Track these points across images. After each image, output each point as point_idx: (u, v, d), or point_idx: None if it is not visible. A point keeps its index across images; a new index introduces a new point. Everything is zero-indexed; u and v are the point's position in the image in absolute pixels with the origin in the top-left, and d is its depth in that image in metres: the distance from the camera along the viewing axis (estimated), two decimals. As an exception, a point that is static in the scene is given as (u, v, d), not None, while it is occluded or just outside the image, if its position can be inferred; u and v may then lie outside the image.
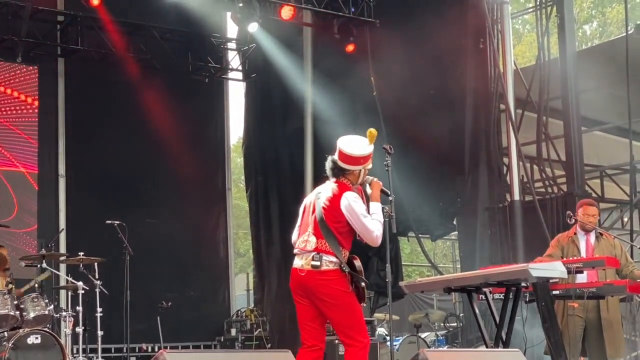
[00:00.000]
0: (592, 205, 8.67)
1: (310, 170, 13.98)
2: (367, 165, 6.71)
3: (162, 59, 14.33)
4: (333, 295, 6.61)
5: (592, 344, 8.41)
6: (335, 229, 6.65)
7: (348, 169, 6.72)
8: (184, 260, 14.45)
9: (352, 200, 6.62)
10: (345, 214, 6.61)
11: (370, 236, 6.57)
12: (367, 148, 6.66)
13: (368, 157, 6.68)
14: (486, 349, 7.13)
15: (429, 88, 12.38)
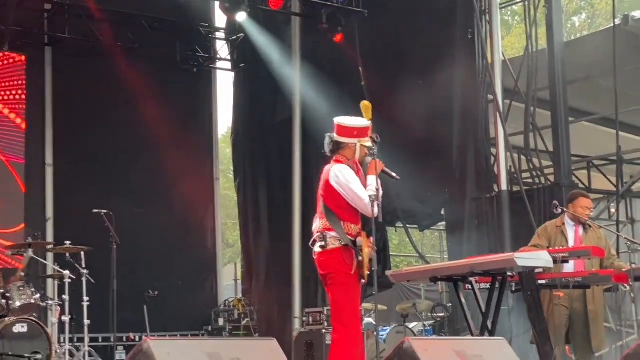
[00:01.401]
0: (588, 197, 8.69)
1: (298, 160, 13.99)
2: (364, 141, 6.72)
3: (150, 49, 14.30)
4: (335, 273, 6.68)
5: (577, 334, 8.44)
6: (332, 205, 6.67)
7: (343, 142, 6.76)
8: (172, 250, 14.44)
9: (339, 170, 6.67)
10: (334, 186, 6.64)
11: (361, 204, 6.58)
12: (361, 120, 6.69)
13: (363, 130, 6.70)
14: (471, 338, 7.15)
15: (417, 78, 12.37)
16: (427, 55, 12.28)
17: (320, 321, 10.48)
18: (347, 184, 6.62)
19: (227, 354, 4.69)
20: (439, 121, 12.22)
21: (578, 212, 8.45)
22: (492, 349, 5.65)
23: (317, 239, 6.80)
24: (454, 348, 5.41)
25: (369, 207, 6.56)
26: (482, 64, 11.68)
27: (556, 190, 11.00)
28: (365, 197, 6.57)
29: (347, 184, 6.62)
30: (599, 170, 14.10)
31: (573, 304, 8.39)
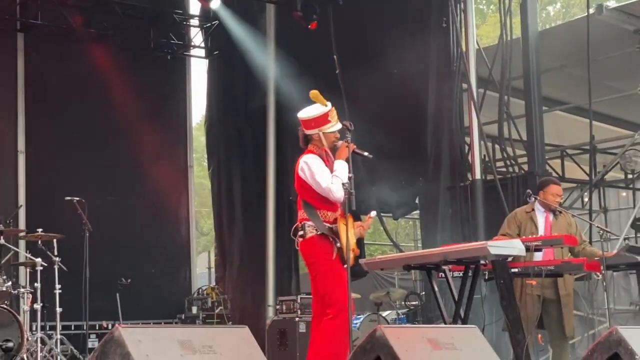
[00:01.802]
0: (558, 184, 8.73)
1: (272, 148, 13.96)
2: (326, 129, 6.74)
3: (124, 35, 14.22)
4: (316, 263, 6.73)
5: (552, 320, 8.48)
6: (306, 196, 6.72)
7: (308, 134, 6.77)
8: (145, 238, 14.40)
9: (304, 162, 6.75)
10: (302, 176, 6.67)
11: (324, 191, 6.63)
12: (315, 109, 6.70)
13: (320, 119, 6.72)
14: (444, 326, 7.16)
15: (392, 66, 12.36)
16: (401, 44, 12.26)
17: (294, 309, 10.47)
18: (311, 174, 6.68)
19: (198, 341, 4.67)
20: (413, 110, 12.21)
21: (548, 199, 8.49)
22: (464, 336, 5.66)
23: (299, 229, 6.81)
24: (426, 336, 5.41)
25: (331, 193, 6.63)
26: (456, 53, 11.67)
27: (530, 179, 11.02)
28: (325, 184, 6.60)
29: (311, 173, 6.67)
30: (572, 159, 14.15)
31: (544, 290, 8.43)
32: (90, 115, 13.96)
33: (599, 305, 10.24)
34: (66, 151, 13.69)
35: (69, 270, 10.50)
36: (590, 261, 8.07)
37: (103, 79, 14.04)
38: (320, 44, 13.19)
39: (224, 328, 5.37)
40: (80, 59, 13.89)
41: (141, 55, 14.67)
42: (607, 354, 5.81)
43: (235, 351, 4.80)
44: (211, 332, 4.89)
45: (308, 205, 6.73)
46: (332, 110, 6.86)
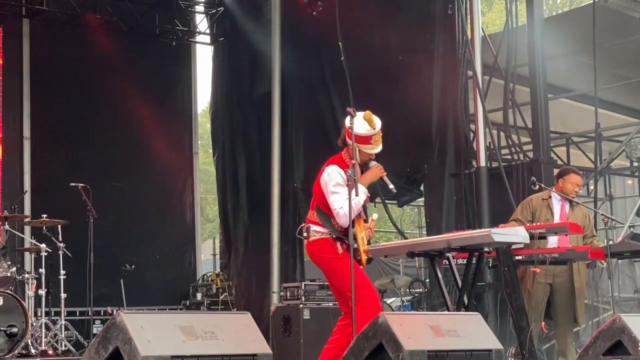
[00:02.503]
0: (579, 174, 8.70)
1: (277, 135, 13.93)
2: (364, 148, 6.73)
3: (129, 21, 14.21)
4: (322, 263, 6.76)
5: (561, 309, 8.48)
6: (320, 201, 6.74)
7: (346, 142, 6.79)
8: (150, 224, 14.42)
9: (327, 173, 6.80)
10: (321, 183, 6.70)
11: (333, 212, 6.64)
12: (360, 128, 6.72)
13: (362, 138, 6.73)
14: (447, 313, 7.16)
15: (397, 53, 12.34)
16: (407, 31, 12.24)
17: (298, 296, 10.49)
18: (327, 189, 6.73)
19: (201, 328, 4.67)
20: (418, 97, 12.19)
21: (567, 187, 8.46)
22: (466, 324, 5.65)
23: (304, 229, 6.84)
24: (428, 323, 5.41)
25: (338, 217, 6.64)
26: (462, 40, 11.64)
27: (535, 166, 11.01)
28: (335, 206, 6.63)
29: (329, 188, 6.69)
30: (577, 147, 14.14)
31: (555, 279, 8.42)
32: (95, 101, 13.97)
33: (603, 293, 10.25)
34: (71, 137, 13.70)
35: (74, 256, 10.52)
36: (594, 249, 8.07)
37: (108, 65, 14.04)
38: (325, 31, 13.15)
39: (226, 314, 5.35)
40: (85, 45, 13.88)
41: (146, 42, 14.66)
42: (611, 342, 5.81)
43: (237, 337, 4.80)
44: (213, 318, 4.88)
45: (321, 212, 6.76)
46: (378, 134, 6.83)
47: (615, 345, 5.79)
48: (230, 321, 4.94)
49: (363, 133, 6.75)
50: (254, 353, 4.76)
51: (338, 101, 13.11)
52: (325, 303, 10.50)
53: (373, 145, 6.82)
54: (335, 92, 13.28)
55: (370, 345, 5.22)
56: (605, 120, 13.20)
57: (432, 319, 5.57)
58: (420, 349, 5.13)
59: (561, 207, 8.51)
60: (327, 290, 10.64)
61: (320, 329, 10.11)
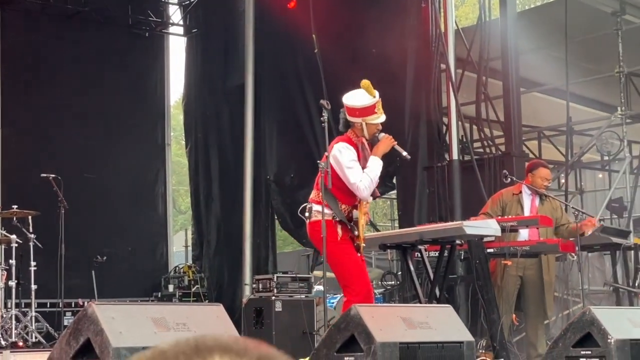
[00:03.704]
0: (548, 168, 8.76)
1: (250, 127, 13.91)
2: (370, 119, 6.67)
3: (102, 12, 14.12)
4: (319, 243, 6.67)
5: (531, 302, 8.55)
6: (328, 181, 6.63)
7: (350, 121, 6.69)
8: (122, 216, 14.35)
9: (338, 150, 6.64)
10: (332, 163, 6.60)
11: (352, 187, 6.57)
12: (363, 99, 6.62)
13: (365, 110, 6.64)
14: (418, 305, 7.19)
15: (371, 46, 12.34)
16: (380, 24, 12.25)
17: (270, 288, 10.48)
18: (341, 165, 6.60)
19: (172, 319, 4.66)
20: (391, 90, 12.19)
21: (537, 182, 8.52)
22: (438, 316, 5.68)
23: (306, 209, 6.79)
24: (400, 315, 5.43)
25: (358, 191, 6.59)
26: (435, 33, 11.67)
27: (507, 159, 11.06)
28: (354, 179, 6.55)
29: (342, 164, 6.60)
30: (549, 140, 14.22)
31: (525, 271, 8.48)
32: (66, 92, 13.87)
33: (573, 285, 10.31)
34: (42, 128, 13.60)
35: (44, 248, 10.46)
36: (565, 242, 8.13)
37: (80, 55, 13.95)
38: (299, 23, 13.14)
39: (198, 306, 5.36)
40: (57, 36, 13.79)
41: (119, 32, 14.57)
42: (580, 334, 5.85)
43: (209, 328, 4.79)
44: (185, 310, 4.88)
45: (328, 192, 6.67)
46: (379, 102, 6.76)
47: (584, 337, 5.84)
48: (202, 313, 4.93)
49: (367, 103, 6.65)
50: (226, 344, 4.75)
51: (311, 93, 13.11)
52: (297, 295, 10.50)
53: (378, 114, 6.73)
54: (309, 84, 13.28)
55: (343, 337, 5.24)
56: (577, 114, 13.28)
57: (404, 311, 5.60)
58: (392, 340, 5.15)
59: (531, 202, 8.56)
60: (300, 282, 10.65)
61: (292, 320, 10.14)
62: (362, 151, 6.73)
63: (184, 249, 16.24)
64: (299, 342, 9.92)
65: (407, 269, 7.81)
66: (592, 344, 5.78)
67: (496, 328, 7.23)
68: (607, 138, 12.80)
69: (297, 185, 13.73)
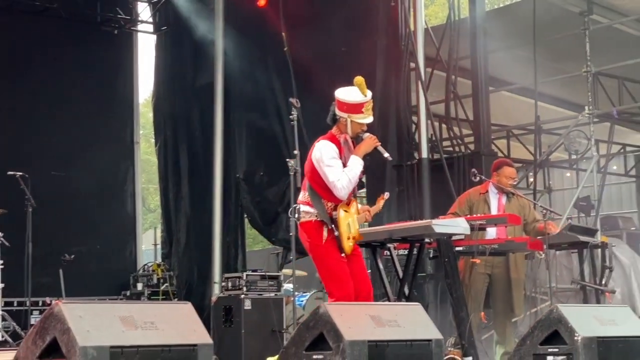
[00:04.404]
0: (513, 166, 8.80)
1: (220, 125, 13.89)
2: (355, 117, 6.60)
3: (70, 9, 14.03)
4: (308, 247, 6.65)
5: (498, 300, 8.59)
6: (312, 181, 6.59)
7: (336, 115, 6.62)
8: (91, 214, 14.27)
9: (319, 149, 6.57)
10: (313, 162, 6.55)
11: (330, 186, 6.50)
12: (353, 96, 6.57)
13: (353, 106, 6.57)
14: (387, 303, 7.20)
15: (340, 45, 12.34)
16: (350, 22, 12.25)
17: (239, 286, 10.46)
18: (321, 163, 6.55)
19: (140, 318, 4.63)
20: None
21: (502, 181, 8.56)
22: (407, 314, 5.68)
23: (295, 211, 6.74)
24: (369, 313, 5.43)
25: (335, 190, 6.51)
26: (404, 32, 11.69)
27: (476, 158, 11.11)
28: (332, 178, 6.49)
29: (322, 162, 6.54)
30: (517, 139, 14.30)
31: (494, 269, 8.52)
32: (35, 89, 13.77)
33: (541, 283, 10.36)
34: (9, 125, 13.49)
35: (12, 246, 10.38)
36: (533, 240, 8.17)
37: (48, 53, 13.86)
38: (268, 21, 13.12)
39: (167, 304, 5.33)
40: (25, 32, 13.68)
41: (88, 30, 14.49)
42: (548, 331, 5.88)
43: (177, 327, 4.77)
44: (153, 308, 4.85)
45: (313, 191, 6.62)
46: (369, 103, 6.66)
47: (552, 335, 5.87)
48: (170, 311, 4.90)
49: (356, 100, 6.58)
50: (195, 343, 4.73)
51: (281, 92, 13.10)
52: (266, 293, 10.49)
53: (365, 114, 6.63)
54: (278, 82, 13.27)
55: (311, 335, 5.24)
56: (545, 113, 13.37)
57: (372, 309, 5.60)
58: (361, 339, 5.15)
59: (498, 201, 8.60)
60: (269, 280, 10.63)
61: (262, 319, 10.12)
62: (345, 147, 6.69)
63: (153, 247, 16.17)
64: (268, 340, 9.90)
65: (376, 267, 7.83)
66: (559, 341, 5.82)
67: (465, 326, 7.25)
68: (574, 137, 12.88)
69: (266, 183, 13.73)
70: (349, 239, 6.58)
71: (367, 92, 6.59)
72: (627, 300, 11.47)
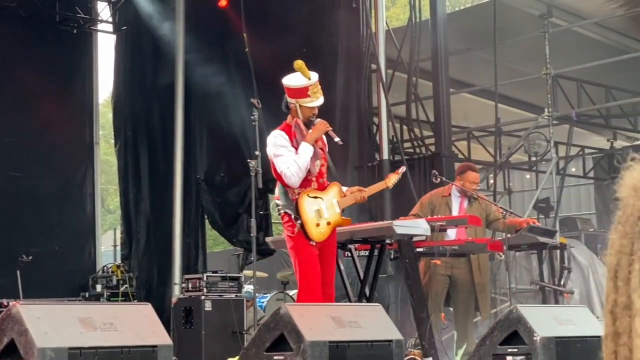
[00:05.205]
0: (476, 171, 8.85)
1: (180, 125, 13.81)
2: (303, 102, 6.57)
3: (28, 8, 13.89)
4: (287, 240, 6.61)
5: (460, 302, 8.62)
6: (274, 172, 6.55)
7: (287, 102, 6.57)
8: (49, 215, 14.14)
9: (270, 140, 6.56)
10: (268, 154, 6.54)
11: (282, 174, 6.46)
12: (297, 80, 6.55)
13: (299, 91, 6.55)
14: (348, 304, 7.21)
15: (301, 45, 12.33)
16: (311, 23, 12.26)
17: (200, 288, 10.41)
18: (271, 153, 6.54)
19: (99, 319, 4.60)
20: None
21: (466, 185, 8.60)
22: (368, 315, 5.70)
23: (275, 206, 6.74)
24: (329, 314, 5.43)
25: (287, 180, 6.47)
26: (365, 34, 11.71)
27: (436, 160, 11.15)
28: (280, 167, 6.46)
29: (272, 153, 6.54)
30: (478, 141, 14.38)
31: (453, 270, 8.55)
32: (-8, 88, 13.64)
33: (501, 284, 10.43)
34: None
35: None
36: (493, 241, 8.22)
37: (5, 52, 13.71)
38: (230, 22, 13.09)
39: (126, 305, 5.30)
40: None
41: (46, 29, 14.35)
42: (507, 332, 5.92)
43: (137, 328, 4.74)
44: (112, 309, 4.82)
45: (280, 185, 6.60)
46: (315, 85, 6.65)
47: (511, 335, 5.91)
48: (129, 312, 4.88)
49: (300, 84, 6.57)
50: (154, 344, 4.71)
51: (242, 92, 13.05)
52: (227, 295, 10.46)
53: (312, 98, 6.63)
54: (239, 83, 13.22)
55: (272, 336, 5.23)
56: (505, 115, 13.45)
57: (333, 310, 5.60)
58: (322, 339, 5.15)
59: (460, 204, 8.64)
60: (230, 281, 10.60)
61: (222, 320, 10.08)
62: (296, 132, 6.64)
63: (112, 248, 16.06)
64: (229, 341, 9.87)
65: (337, 268, 7.82)
66: (518, 341, 5.86)
67: (425, 327, 7.28)
68: (534, 139, 12.98)
69: (227, 184, 13.70)
70: (319, 225, 6.50)
71: (310, 74, 6.60)
72: (585, 301, 11.58)
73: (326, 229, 6.51)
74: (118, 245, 15.67)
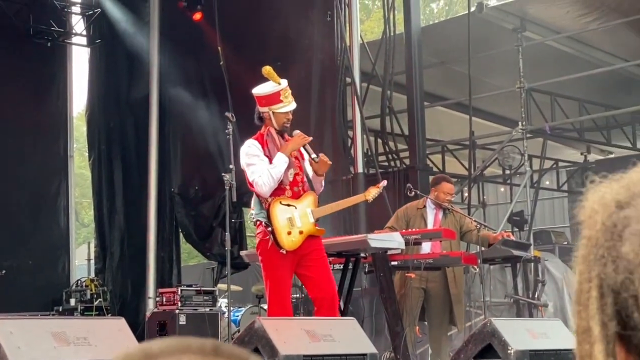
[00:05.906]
0: (451, 182, 8.86)
1: (154, 139, 13.78)
2: (276, 108, 6.49)
3: (1, 20, 13.80)
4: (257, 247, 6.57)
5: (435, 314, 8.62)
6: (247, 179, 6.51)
7: (260, 112, 6.53)
8: (22, 228, 14.04)
9: (243, 147, 6.50)
10: (241, 164, 6.49)
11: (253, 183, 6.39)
12: (266, 87, 6.51)
13: (270, 97, 6.48)
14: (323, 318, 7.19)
15: (276, 59, 12.33)
16: (285, 37, 12.27)
17: (174, 301, 10.37)
18: (243, 163, 6.50)
19: (73, 333, 4.57)
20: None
21: (440, 197, 8.60)
22: (342, 328, 5.69)
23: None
24: (304, 327, 5.43)
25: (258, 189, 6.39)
26: (340, 47, 11.74)
27: (411, 173, 11.18)
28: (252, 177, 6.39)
29: (244, 163, 6.49)
30: (452, 154, 14.43)
31: (428, 284, 8.56)
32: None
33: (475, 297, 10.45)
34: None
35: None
36: (467, 255, 8.24)
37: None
38: (204, 35, 13.09)
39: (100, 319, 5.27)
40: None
41: (20, 42, 14.26)
42: (481, 345, 5.93)
43: (110, 342, 4.72)
44: (86, 324, 4.79)
45: (254, 195, 6.56)
46: (286, 90, 6.56)
47: (485, 349, 5.91)
48: (103, 326, 4.85)
49: (270, 91, 6.51)
50: (128, 359, 4.67)
51: (216, 106, 13.04)
52: (201, 308, 10.42)
53: (284, 103, 6.54)
54: (214, 97, 13.22)
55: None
56: (479, 128, 13.51)
57: (308, 323, 5.60)
58: (296, 353, 5.14)
59: (435, 216, 8.65)
60: (204, 295, 10.57)
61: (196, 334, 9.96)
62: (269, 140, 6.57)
63: (86, 262, 16.00)
64: (203, 356, 9.81)
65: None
66: (492, 355, 5.87)
67: (400, 340, 7.28)
68: (508, 152, 13.04)
69: (201, 197, 13.67)
70: (290, 233, 6.44)
71: (279, 80, 6.55)
72: (559, 314, 11.62)
73: (298, 237, 6.45)
74: (92, 259, 15.60)
